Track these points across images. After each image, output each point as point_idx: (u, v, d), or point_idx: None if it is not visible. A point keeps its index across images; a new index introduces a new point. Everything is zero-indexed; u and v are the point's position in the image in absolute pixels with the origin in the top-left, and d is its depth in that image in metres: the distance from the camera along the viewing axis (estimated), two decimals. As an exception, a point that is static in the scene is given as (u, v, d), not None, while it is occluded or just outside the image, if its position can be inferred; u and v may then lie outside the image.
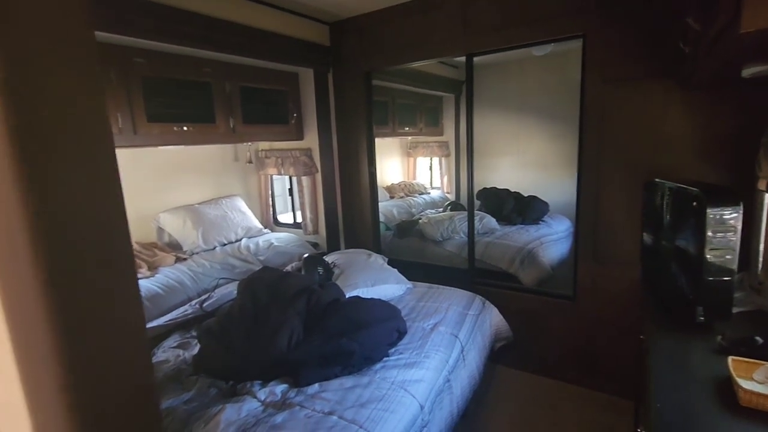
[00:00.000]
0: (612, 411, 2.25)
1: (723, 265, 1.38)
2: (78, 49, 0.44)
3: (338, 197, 3.32)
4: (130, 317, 0.50)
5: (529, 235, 3.33)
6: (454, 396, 1.81)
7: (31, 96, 0.41)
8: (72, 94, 0.44)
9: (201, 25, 2.19)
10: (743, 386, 1.08)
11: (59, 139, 0.43)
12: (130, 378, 0.51)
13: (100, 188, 0.47)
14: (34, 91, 0.41)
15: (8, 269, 0.40)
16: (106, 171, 0.47)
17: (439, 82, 4.09)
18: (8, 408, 0.42)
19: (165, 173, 2.92)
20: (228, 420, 1.42)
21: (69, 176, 0.44)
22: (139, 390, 0.52)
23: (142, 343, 0.52)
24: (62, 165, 0.43)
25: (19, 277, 0.40)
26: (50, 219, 0.42)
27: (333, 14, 2.87)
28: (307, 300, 1.92)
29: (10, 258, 0.40)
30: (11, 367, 0.41)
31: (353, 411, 1.46)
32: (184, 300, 2.38)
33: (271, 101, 2.95)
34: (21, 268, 0.40)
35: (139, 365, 0.52)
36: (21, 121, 0.40)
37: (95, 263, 0.46)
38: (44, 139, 0.42)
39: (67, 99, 0.44)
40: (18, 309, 0.40)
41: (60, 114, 0.43)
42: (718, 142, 1.91)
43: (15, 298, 0.40)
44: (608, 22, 2.07)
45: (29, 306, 0.41)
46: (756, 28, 0.66)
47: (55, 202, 0.42)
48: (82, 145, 0.45)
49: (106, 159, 0.46)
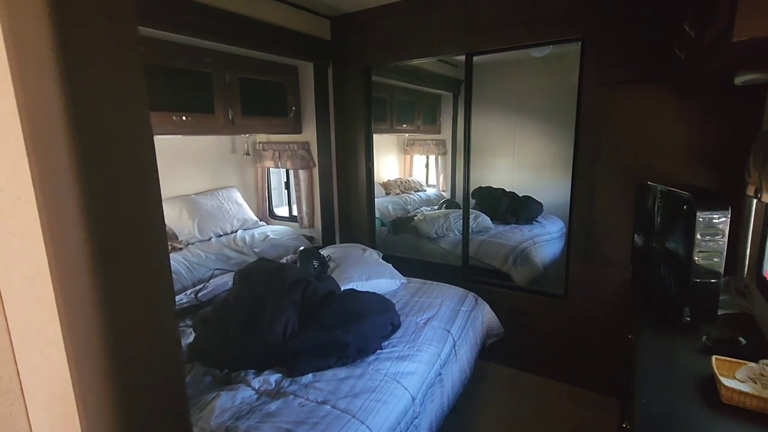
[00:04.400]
0: (599, 408, 2.30)
1: (710, 267, 1.41)
2: (123, 44, 0.46)
3: (335, 192, 3.33)
4: (164, 300, 0.52)
5: (522, 234, 3.37)
6: (445, 389, 1.84)
7: (84, 95, 0.43)
8: (117, 90, 0.46)
9: (202, 14, 2.18)
10: (726, 384, 1.12)
11: (108, 139, 0.45)
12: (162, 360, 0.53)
13: (143, 182, 0.49)
14: (84, 87, 0.43)
15: (64, 264, 0.42)
16: (147, 169, 0.49)
17: (438, 80, 4.11)
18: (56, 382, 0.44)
19: (162, 163, 2.82)
20: (222, 407, 1.43)
21: (116, 172, 0.46)
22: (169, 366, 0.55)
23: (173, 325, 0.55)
24: (111, 162, 0.46)
25: (73, 270, 0.43)
26: (98, 215, 0.44)
27: (334, 8, 2.87)
28: (303, 291, 1.93)
29: (66, 254, 0.42)
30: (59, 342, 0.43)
31: (346, 401, 1.48)
32: (178, 289, 2.39)
33: (270, 94, 2.95)
34: (75, 261, 0.43)
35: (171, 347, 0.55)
36: (76, 121, 0.42)
37: (137, 250, 0.49)
38: (92, 137, 0.44)
39: (115, 98, 0.46)
40: (70, 300, 0.43)
41: (109, 112, 0.45)
42: (709, 148, 1.95)
43: (68, 292, 0.43)
44: (607, 27, 2.10)
45: (80, 298, 0.43)
46: (748, 37, 0.68)
47: (102, 199, 0.45)
48: (126, 142, 0.47)
49: (146, 158, 0.49)
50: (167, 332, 0.53)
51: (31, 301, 0.42)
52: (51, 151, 0.41)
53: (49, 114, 0.40)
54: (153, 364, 0.52)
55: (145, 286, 0.50)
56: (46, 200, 0.40)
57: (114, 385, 0.46)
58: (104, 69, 0.45)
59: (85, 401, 0.44)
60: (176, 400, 0.56)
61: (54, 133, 0.41)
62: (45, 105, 0.40)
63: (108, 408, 0.46)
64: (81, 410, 0.44)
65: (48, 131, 0.40)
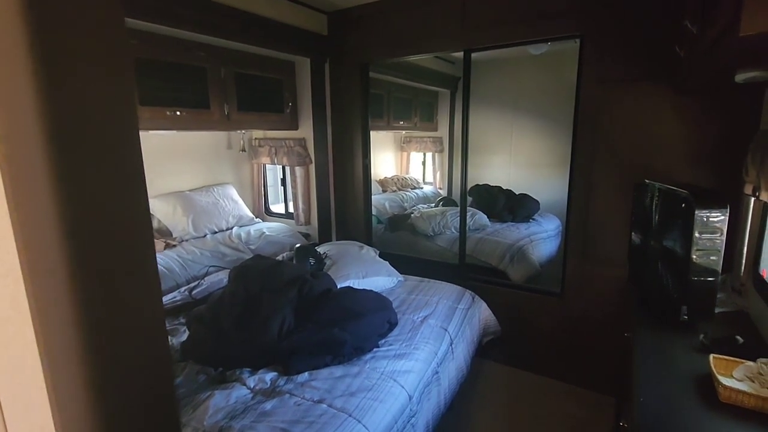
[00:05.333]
0: (596, 406, 2.30)
1: (708, 266, 1.41)
2: (109, 40, 0.44)
3: (331, 188, 3.31)
4: (150, 303, 0.50)
5: (519, 232, 3.37)
6: (442, 388, 1.83)
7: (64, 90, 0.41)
8: (103, 87, 0.44)
9: (197, 8, 2.15)
10: (723, 383, 1.11)
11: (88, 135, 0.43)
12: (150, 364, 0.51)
13: (128, 180, 0.47)
14: (66, 84, 0.41)
15: (38, 262, 0.40)
16: (133, 167, 0.47)
17: (435, 77, 4.09)
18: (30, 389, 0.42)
19: (156, 158, 2.87)
20: (217, 406, 1.42)
21: (98, 169, 0.44)
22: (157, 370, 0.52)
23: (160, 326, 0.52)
24: (93, 159, 0.43)
25: (47, 270, 0.40)
26: (77, 214, 0.42)
27: (332, 3, 2.84)
28: (299, 289, 1.91)
29: (40, 252, 0.40)
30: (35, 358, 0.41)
31: (343, 400, 1.47)
32: (172, 287, 2.36)
33: (266, 89, 2.91)
34: (49, 259, 0.40)
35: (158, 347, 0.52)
36: (54, 117, 0.39)
37: (122, 249, 0.47)
38: (73, 135, 0.42)
39: (98, 93, 0.44)
40: (44, 301, 0.41)
41: (92, 108, 0.43)
42: (708, 146, 1.95)
43: (43, 292, 0.40)
44: (605, 24, 2.09)
45: (56, 298, 0.41)
46: (756, 32, 0.67)
47: (82, 198, 0.42)
48: (109, 141, 0.45)
49: (132, 156, 0.46)
50: (154, 336, 0.50)
51: (3, 302, 0.40)
52: (22, 143, 0.38)
53: (22, 105, 0.38)
54: (138, 371, 0.49)
55: (130, 287, 0.48)
56: (16, 195, 0.38)
57: (95, 394, 0.44)
58: (81, 58, 0.43)
59: (62, 410, 0.42)
60: (165, 406, 0.53)
61: (26, 125, 0.38)
62: (17, 96, 0.38)
63: (88, 418, 0.44)
64: (57, 422, 0.42)
65: (20, 123, 0.38)
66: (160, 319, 0.52)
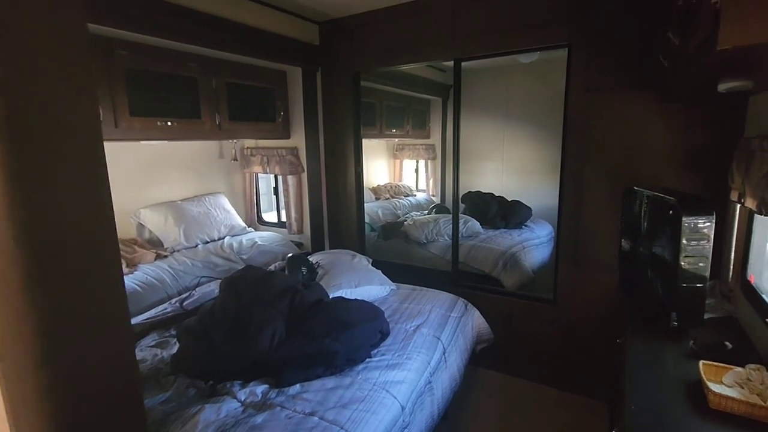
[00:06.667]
0: (588, 412, 2.30)
1: (696, 272, 1.43)
2: (70, 45, 0.43)
3: (324, 197, 3.31)
4: (115, 312, 0.49)
5: (512, 239, 3.38)
6: (435, 398, 1.82)
7: (23, 90, 0.40)
8: (63, 90, 0.43)
9: (188, 19, 2.15)
10: (713, 389, 1.12)
11: (49, 135, 0.42)
12: (115, 375, 0.50)
13: (88, 185, 0.46)
14: (26, 85, 0.40)
15: None
16: (95, 168, 0.46)
17: (427, 86, 4.12)
18: None
19: (147, 168, 2.85)
20: (207, 420, 1.39)
21: (57, 172, 0.43)
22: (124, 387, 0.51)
23: (127, 340, 0.51)
24: (51, 160, 0.42)
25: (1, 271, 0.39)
26: (33, 213, 0.41)
27: (323, 13, 2.86)
28: (291, 300, 1.90)
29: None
30: None
31: (334, 412, 1.45)
32: (163, 298, 2.33)
33: (258, 99, 2.92)
34: (2, 261, 0.39)
35: (124, 363, 0.51)
36: (11, 115, 0.39)
37: (81, 258, 0.45)
38: (33, 135, 0.41)
39: (58, 95, 0.43)
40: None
41: (50, 109, 0.42)
42: (694, 153, 1.98)
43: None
44: (593, 34, 2.12)
45: (10, 302, 0.40)
46: (732, 45, 0.68)
47: (40, 196, 0.41)
48: (71, 142, 0.44)
49: (94, 156, 0.46)
50: (121, 353, 0.49)
51: None
52: None
53: None
54: (103, 394, 0.48)
55: (92, 301, 0.46)
56: None
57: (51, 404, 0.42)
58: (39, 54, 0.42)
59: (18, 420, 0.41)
60: None
61: None
62: None
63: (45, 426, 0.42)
64: None
65: None
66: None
